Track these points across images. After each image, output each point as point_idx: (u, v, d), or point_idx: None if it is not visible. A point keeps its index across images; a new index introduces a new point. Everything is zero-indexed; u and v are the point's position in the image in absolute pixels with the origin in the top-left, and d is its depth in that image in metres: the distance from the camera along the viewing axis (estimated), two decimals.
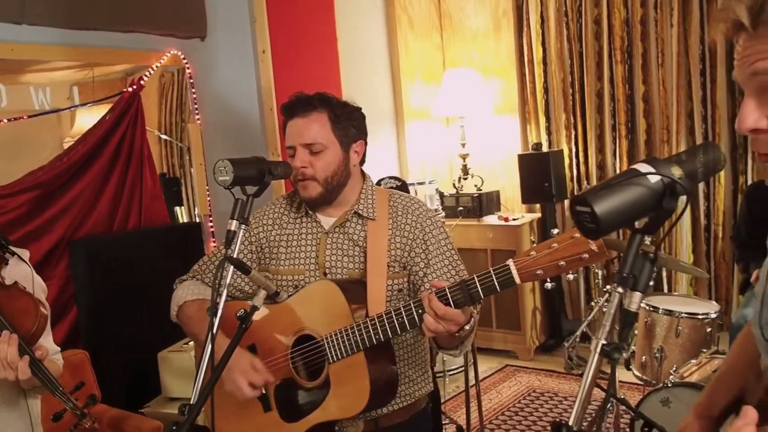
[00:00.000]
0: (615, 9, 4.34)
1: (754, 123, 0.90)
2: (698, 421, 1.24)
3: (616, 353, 0.87)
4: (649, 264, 0.89)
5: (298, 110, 1.82)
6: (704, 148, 0.94)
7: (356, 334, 1.64)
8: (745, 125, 0.90)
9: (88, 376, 2.56)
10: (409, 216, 1.83)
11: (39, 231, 2.86)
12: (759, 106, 0.89)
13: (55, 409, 1.55)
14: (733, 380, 1.25)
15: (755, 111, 0.90)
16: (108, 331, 2.97)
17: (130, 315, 3.01)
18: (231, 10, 3.59)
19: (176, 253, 3.20)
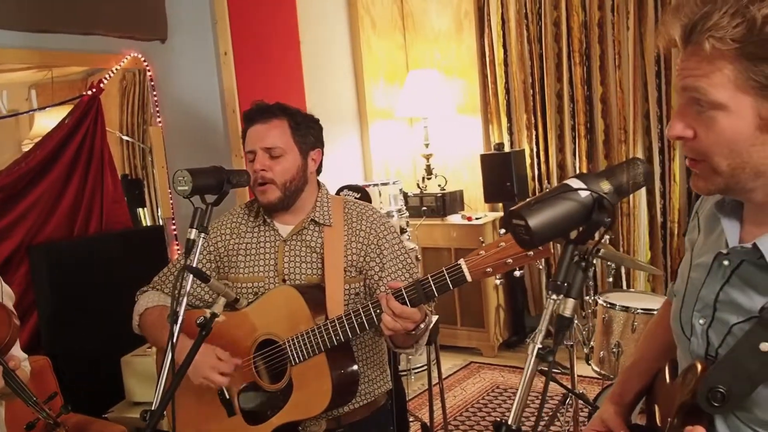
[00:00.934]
0: (573, 12, 4.43)
1: (681, 131, 0.99)
2: (612, 407, 1.31)
3: (551, 356, 0.93)
4: (582, 272, 0.94)
5: (259, 117, 1.88)
6: (631, 164, 0.99)
7: (317, 336, 1.70)
8: (673, 132, 1.00)
9: (50, 382, 2.56)
10: (363, 222, 1.90)
11: None
12: (686, 118, 0.99)
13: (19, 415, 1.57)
14: (644, 368, 1.33)
15: (683, 120, 0.99)
16: (70, 336, 2.96)
17: (92, 319, 3.00)
18: (192, 11, 3.59)
19: (138, 257, 3.19)
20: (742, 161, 0.95)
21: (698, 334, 1.08)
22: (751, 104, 0.93)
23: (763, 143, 0.94)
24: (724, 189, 1.01)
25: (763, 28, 0.88)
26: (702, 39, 0.92)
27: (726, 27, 0.90)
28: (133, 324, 1.95)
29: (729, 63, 0.92)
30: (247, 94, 3.74)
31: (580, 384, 3.79)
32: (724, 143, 0.95)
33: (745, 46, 0.90)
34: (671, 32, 0.97)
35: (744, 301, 1.01)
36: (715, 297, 1.06)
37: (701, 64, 0.94)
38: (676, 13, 0.96)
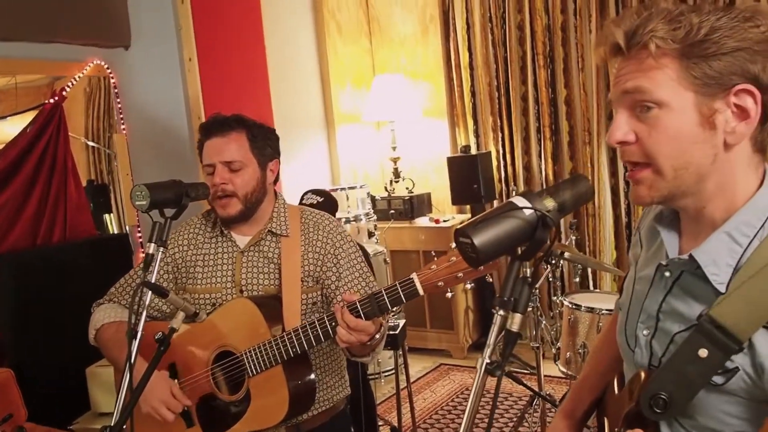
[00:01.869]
0: (537, 15, 4.49)
1: (623, 136, 1.02)
2: (564, 421, 1.35)
3: (499, 371, 0.94)
4: (527, 287, 0.97)
5: (216, 129, 1.89)
6: (576, 181, 1.03)
7: (274, 348, 1.72)
8: (614, 138, 1.03)
9: (13, 394, 2.53)
10: (320, 232, 1.93)
11: None
12: (628, 122, 1.02)
13: None
14: (594, 383, 1.36)
15: (625, 125, 1.02)
16: (34, 347, 2.93)
17: (56, 330, 2.97)
18: (156, 18, 3.57)
19: (104, 266, 3.17)
20: (685, 161, 0.99)
21: (642, 345, 1.11)
22: (693, 101, 0.97)
23: (704, 140, 0.98)
24: (666, 195, 1.03)
25: (699, 31, 0.95)
26: (645, 39, 0.97)
27: (665, 29, 0.96)
28: (90, 337, 1.94)
29: (671, 62, 0.97)
30: (212, 100, 3.73)
31: (548, 384, 3.85)
32: (668, 141, 0.99)
33: (684, 47, 0.96)
34: (613, 38, 1.01)
35: (685, 310, 1.04)
36: (658, 307, 1.09)
37: (643, 66, 0.99)
38: (617, 22, 1.01)
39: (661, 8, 0.99)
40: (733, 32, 0.95)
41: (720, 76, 0.96)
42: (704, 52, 0.95)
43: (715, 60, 0.95)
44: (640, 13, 1.00)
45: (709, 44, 0.95)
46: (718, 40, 0.95)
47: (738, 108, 0.97)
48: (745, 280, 0.96)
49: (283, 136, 4.25)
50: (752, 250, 0.99)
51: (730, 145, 0.99)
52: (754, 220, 1.00)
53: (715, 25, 0.95)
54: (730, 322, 0.95)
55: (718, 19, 0.96)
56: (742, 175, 1.01)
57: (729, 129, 0.98)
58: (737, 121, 0.97)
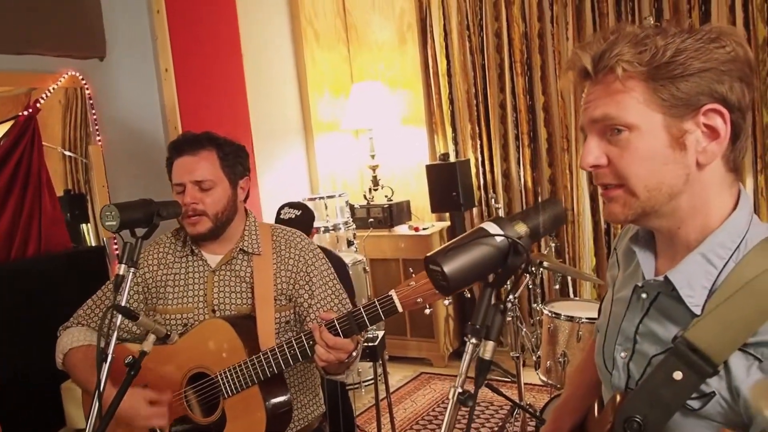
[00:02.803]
0: (514, 23, 4.55)
1: (595, 160, 1.04)
2: None
3: (470, 401, 0.95)
4: (500, 315, 0.97)
5: (186, 148, 1.88)
6: (548, 205, 1.06)
7: (250, 369, 1.72)
8: (586, 162, 1.04)
9: None
10: (292, 250, 1.93)
11: None
12: (599, 145, 1.04)
13: None
14: (574, 405, 1.36)
15: (596, 149, 1.04)
16: (9, 362, 2.92)
17: (31, 344, 2.95)
18: (131, 28, 3.58)
19: (79, 279, 3.17)
20: (657, 181, 1.00)
21: (620, 367, 1.11)
22: (662, 122, 0.99)
23: (675, 161, 0.99)
24: (639, 214, 1.03)
25: (665, 53, 0.97)
26: (612, 63, 0.99)
27: (631, 53, 0.98)
28: (57, 362, 1.92)
29: (638, 84, 0.99)
30: (189, 110, 3.74)
31: (530, 392, 3.90)
32: (640, 163, 1.00)
33: (651, 69, 0.98)
34: (581, 62, 1.02)
35: (661, 332, 1.05)
36: (635, 329, 1.09)
37: (610, 89, 1.00)
38: (583, 48, 1.03)
39: (627, 32, 1.01)
40: (698, 53, 0.96)
41: (688, 97, 0.97)
42: (671, 74, 0.97)
43: (682, 81, 0.97)
44: (607, 37, 1.01)
45: (675, 66, 0.96)
46: (684, 62, 0.96)
47: (708, 128, 0.99)
48: (720, 302, 0.97)
49: (261, 145, 4.32)
50: (728, 271, 0.99)
51: (702, 165, 1.00)
52: (729, 241, 1.01)
53: (680, 47, 0.97)
54: (704, 344, 0.95)
55: (683, 41, 0.97)
56: (715, 194, 1.02)
57: (700, 149, 0.99)
58: (708, 140, 0.99)
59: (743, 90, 0.99)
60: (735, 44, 0.98)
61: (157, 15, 3.65)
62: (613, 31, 1.02)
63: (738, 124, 1.00)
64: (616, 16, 4.28)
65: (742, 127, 1.01)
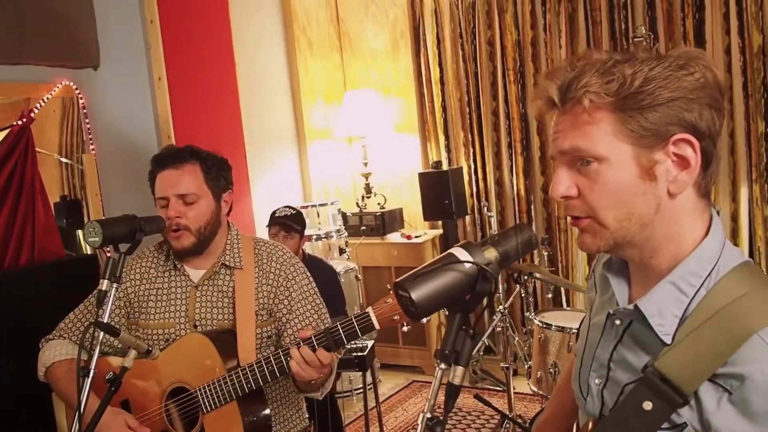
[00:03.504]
0: (507, 31, 4.65)
1: (565, 191, 1.03)
2: None
3: (439, 427, 0.96)
4: (470, 340, 0.98)
5: (170, 162, 1.91)
6: (519, 230, 1.05)
7: (228, 385, 1.75)
8: (557, 193, 1.04)
9: None
10: (273, 263, 1.96)
11: None
12: (569, 176, 1.03)
13: None
14: (556, 424, 1.37)
15: (566, 180, 1.03)
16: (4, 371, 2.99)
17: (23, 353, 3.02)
18: (125, 38, 3.66)
19: (71, 288, 3.22)
20: (628, 212, 1.00)
21: (594, 394, 1.11)
22: (631, 153, 0.98)
23: (645, 192, 0.99)
24: (612, 245, 1.03)
25: (633, 83, 0.96)
26: (579, 95, 0.99)
27: (599, 83, 0.97)
28: (39, 374, 1.96)
29: (606, 115, 0.98)
30: (182, 118, 3.83)
31: (521, 402, 3.97)
32: (610, 195, 0.99)
33: (618, 99, 0.97)
34: (548, 92, 1.02)
35: (634, 360, 1.04)
36: (609, 356, 1.09)
37: (578, 121, 1.00)
38: (550, 77, 1.03)
39: (594, 59, 1.00)
40: (667, 82, 0.95)
41: (656, 128, 0.96)
42: (639, 104, 0.96)
43: (651, 111, 0.96)
44: (574, 66, 1.01)
45: (644, 96, 0.96)
46: (653, 92, 0.95)
47: (678, 157, 0.98)
48: (691, 331, 0.96)
49: (254, 153, 4.41)
50: (699, 299, 0.99)
51: (673, 194, 0.99)
52: (700, 269, 1.00)
53: (648, 76, 0.96)
54: (675, 374, 0.94)
55: (651, 69, 0.96)
56: (687, 222, 1.02)
57: (671, 178, 0.99)
58: (678, 170, 0.98)
59: (713, 116, 0.98)
60: (704, 69, 0.98)
61: (150, 25, 3.74)
62: (580, 58, 1.02)
63: (709, 151, 0.99)
64: (610, 25, 4.37)
65: (713, 153, 1.00)
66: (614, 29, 4.34)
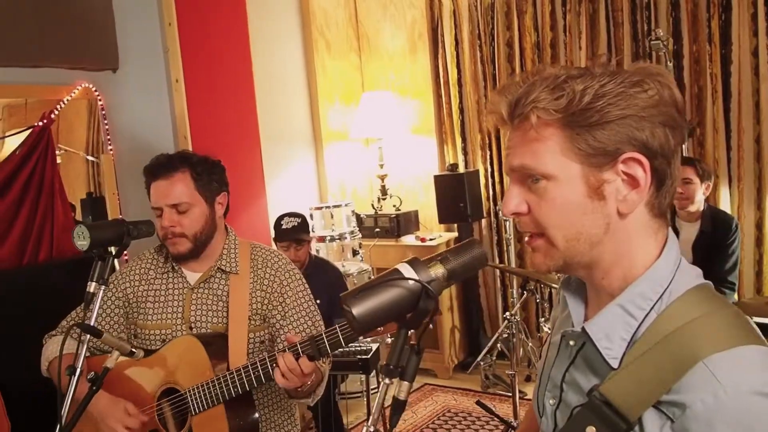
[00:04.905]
0: (526, 32, 4.75)
1: (515, 207, 1.04)
2: None
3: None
4: (415, 356, 1.01)
5: (160, 172, 2.00)
6: (468, 247, 1.08)
7: (215, 388, 1.84)
8: (507, 209, 1.05)
9: None
10: (268, 269, 2.05)
11: None
12: (519, 193, 1.04)
13: None
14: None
15: (516, 197, 1.04)
16: (19, 362, 3.18)
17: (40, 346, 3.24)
18: (143, 41, 3.87)
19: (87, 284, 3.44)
20: (576, 231, 1.00)
21: (548, 414, 1.12)
22: (579, 172, 0.98)
23: (594, 211, 0.99)
24: (562, 265, 1.04)
25: (582, 99, 0.95)
26: (527, 111, 0.99)
27: (547, 99, 0.97)
28: (42, 369, 2.08)
29: (554, 133, 0.98)
30: (198, 119, 4.03)
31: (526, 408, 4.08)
32: (558, 213, 1.00)
33: (567, 116, 0.97)
34: (498, 108, 1.03)
35: (584, 383, 1.04)
36: (561, 378, 1.09)
37: (526, 138, 1.01)
38: (502, 92, 1.04)
39: (547, 74, 1.01)
40: (618, 99, 0.95)
41: (605, 146, 0.96)
42: (587, 122, 0.96)
43: (599, 130, 0.96)
44: (526, 81, 1.01)
45: (592, 113, 0.95)
46: (602, 108, 0.95)
47: (628, 176, 0.98)
48: (638, 355, 0.96)
49: (271, 154, 4.60)
50: (649, 323, 0.98)
51: (623, 214, 0.99)
52: (650, 292, 1.00)
53: (599, 92, 0.95)
54: (619, 399, 0.95)
55: (603, 86, 0.96)
56: (639, 242, 1.02)
57: (620, 197, 0.99)
58: (628, 189, 0.98)
59: (667, 134, 0.98)
60: (659, 87, 0.97)
61: (168, 27, 3.94)
62: (534, 73, 1.03)
63: (662, 170, 0.99)
64: (632, 26, 4.42)
65: (667, 172, 1.00)
66: (636, 30, 4.40)
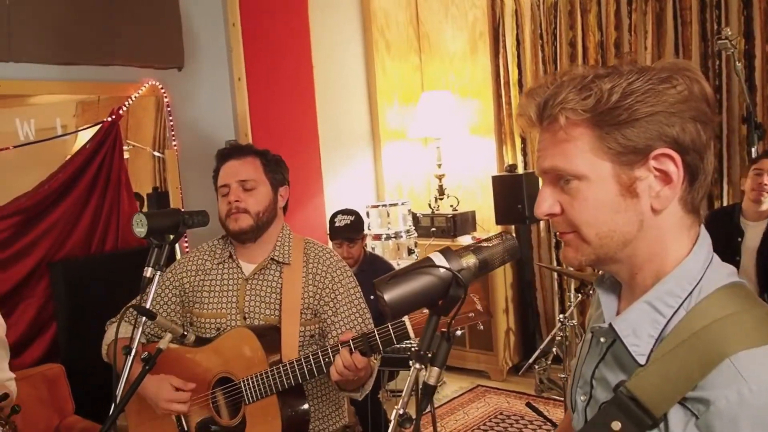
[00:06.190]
0: (589, 32, 4.75)
1: (548, 209, 1.07)
2: None
3: (408, 423, 1.03)
4: (446, 343, 1.05)
5: (233, 154, 2.18)
6: (502, 238, 1.12)
7: (269, 379, 1.93)
8: (540, 210, 1.07)
9: (63, 388, 3.02)
10: (320, 265, 2.14)
11: (21, 253, 3.32)
12: (552, 194, 1.07)
13: None
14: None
15: (549, 198, 1.06)
16: (85, 346, 3.39)
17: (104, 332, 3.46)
18: (208, 40, 4.08)
19: None
20: (609, 229, 1.02)
21: (579, 410, 1.15)
22: (610, 171, 1.00)
23: (627, 209, 1.00)
24: (594, 260, 1.06)
25: (610, 98, 0.97)
26: (555, 112, 1.01)
27: (575, 99, 0.99)
28: (102, 353, 2.23)
29: (583, 132, 1.00)
30: (259, 117, 4.22)
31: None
32: (591, 212, 1.02)
33: (595, 115, 0.99)
34: (527, 111, 1.06)
35: (612, 379, 1.06)
36: (591, 374, 1.12)
37: (556, 139, 1.03)
38: (530, 94, 1.06)
39: (574, 74, 1.03)
40: (646, 96, 0.96)
41: (635, 144, 0.98)
42: (616, 120, 0.97)
43: (628, 128, 0.97)
44: (554, 82, 1.04)
45: (621, 111, 0.97)
46: (630, 106, 0.96)
47: (660, 172, 0.99)
48: (665, 352, 0.97)
49: (329, 153, 4.77)
50: (678, 320, 0.99)
51: (657, 210, 1.01)
52: (679, 289, 1.01)
53: (627, 90, 0.97)
54: (645, 395, 0.96)
55: (631, 84, 0.97)
56: (672, 239, 1.03)
57: (653, 194, 1.00)
58: (661, 185, 1.00)
59: (698, 129, 0.99)
60: (689, 81, 0.99)
61: (232, 27, 4.14)
62: (562, 74, 1.05)
63: (694, 165, 1.00)
64: (700, 25, 4.37)
65: (699, 167, 1.01)
66: (705, 30, 4.35)
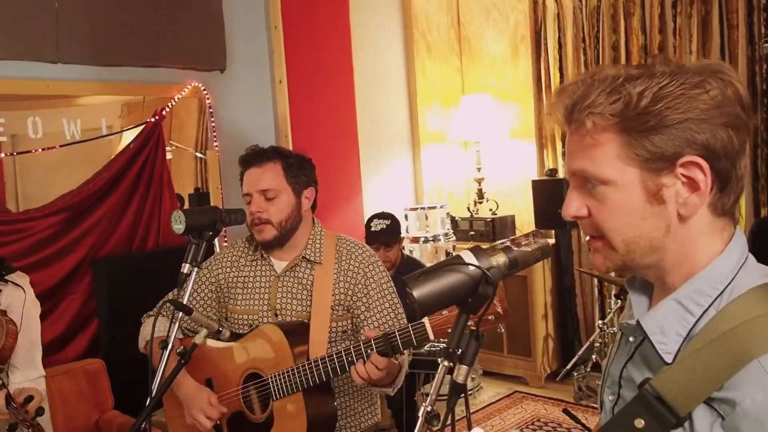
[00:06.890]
0: (633, 35, 4.70)
1: (576, 211, 1.06)
2: None
3: (435, 420, 1.03)
4: (475, 341, 1.05)
5: (254, 161, 2.18)
6: (533, 238, 1.12)
7: (296, 376, 1.96)
8: (568, 212, 1.07)
9: (103, 383, 3.11)
10: (352, 261, 2.15)
11: (66, 249, 3.43)
12: (579, 196, 1.06)
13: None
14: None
15: (577, 200, 1.06)
16: (125, 342, 3.47)
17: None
18: (250, 43, 4.16)
19: None
20: (636, 235, 1.01)
21: (607, 410, 1.14)
22: (638, 177, 0.99)
23: (653, 215, 1.00)
24: (621, 266, 1.05)
25: (639, 103, 0.96)
26: (582, 117, 1.00)
27: (603, 103, 0.98)
28: (140, 346, 2.26)
29: (611, 138, 0.99)
30: (299, 119, 4.28)
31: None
32: (617, 218, 1.02)
33: (624, 120, 0.97)
34: (556, 113, 1.06)
35: (638, 378, 1.05)
36: (619, 374, 1.11)
37: (584, 143, 1.02)
38: (559, 95, 1.06)
39: (604, 76, 1.01)
40: (678, 102, 0.95)
41: (662, 151, 0.97)
42: (644, 126, 0.96)
43: (656, 134, 0.96)
44: (585, 82, 1.02)
45: (650, 117, 0.96)
46: (660, 112, 0.95)
47: (688, 179, 0.98)
48: (693, 351, 0.96)
49: (368, 154, 4.81)
50: (707, 319, 0.99)
51: (684, 217, 1.00)
52: (709, 288, 1.00)
53: (658, 95, 0.95)
54: (670, 394, 0.95)
55: (662, 88, 0.96)
56: (702, 243, 1.02)
57: (681, 200, 0.99)
58: (689, 192, 0.98)
59: (730, 135, 0.97)
60: (723, 84, 0.97)
61: (274, 30, 4.21)
62: (593, 74, 1.04)
63: (725, 171, 0.99)
64: (747, 29, 4.29)
65: (731, 173, 0.99)
66: (752, 33, 4.28)
